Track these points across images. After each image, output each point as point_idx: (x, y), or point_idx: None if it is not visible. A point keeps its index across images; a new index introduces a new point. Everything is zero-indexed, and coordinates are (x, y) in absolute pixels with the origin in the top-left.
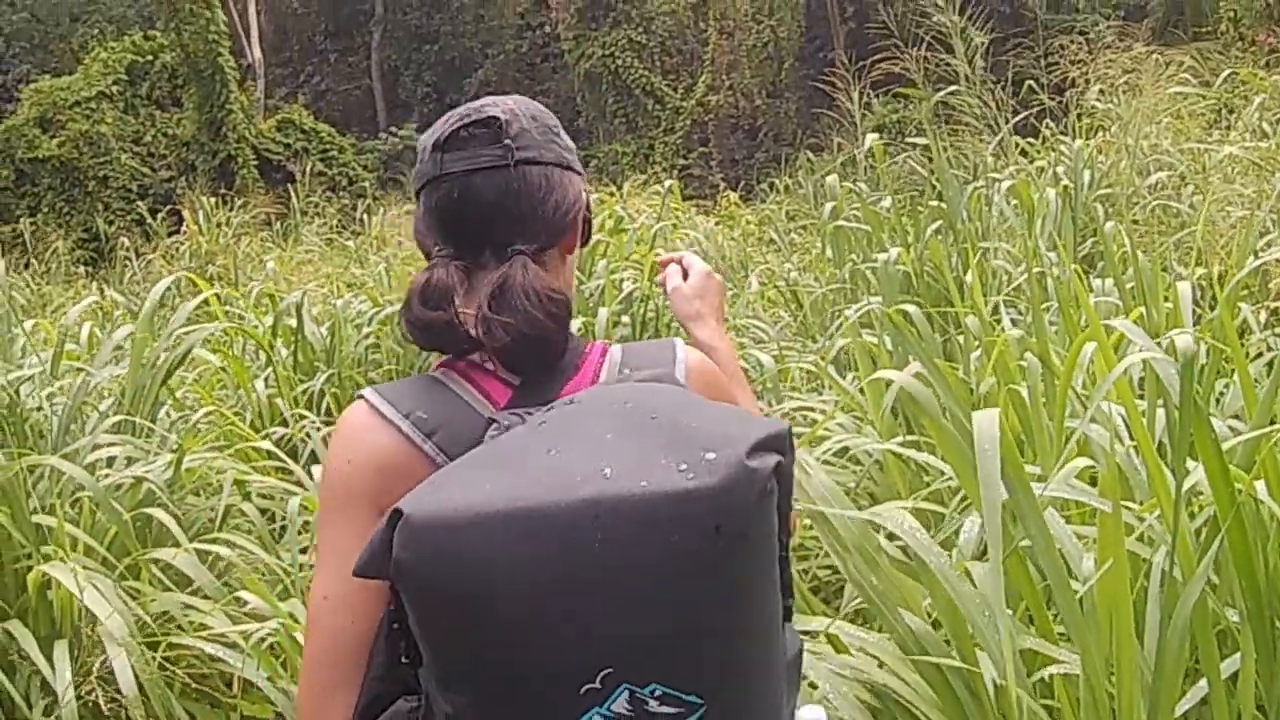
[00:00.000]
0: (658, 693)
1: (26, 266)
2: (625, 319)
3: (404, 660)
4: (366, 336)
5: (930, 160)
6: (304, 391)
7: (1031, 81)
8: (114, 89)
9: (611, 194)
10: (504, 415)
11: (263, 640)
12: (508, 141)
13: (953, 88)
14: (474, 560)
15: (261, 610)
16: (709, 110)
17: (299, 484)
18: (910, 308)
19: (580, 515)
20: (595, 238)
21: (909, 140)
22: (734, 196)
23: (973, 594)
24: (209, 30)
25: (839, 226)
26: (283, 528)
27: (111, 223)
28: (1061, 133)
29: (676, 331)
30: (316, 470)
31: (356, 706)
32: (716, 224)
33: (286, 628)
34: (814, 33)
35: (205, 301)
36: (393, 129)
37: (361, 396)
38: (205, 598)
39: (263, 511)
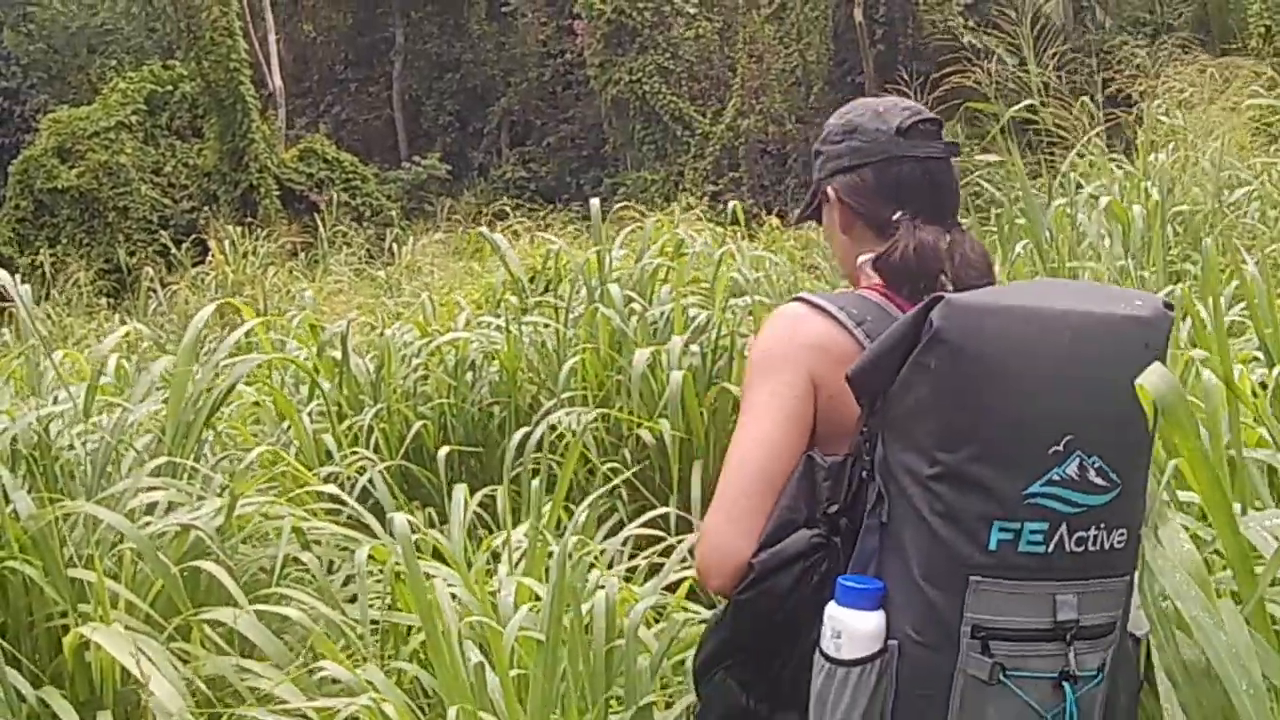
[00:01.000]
0: (1097, 465)
1: (47, 298)
2: (695, 348)
3: (830, 505)
4: (415, 369)
5: (1002, 178)
6: (351, 427)
7: (1086, 98)
8: (133, 119)
9: (644, 216)
10: None
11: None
12: (952, 140)
13: (1027, 101)
14: (995, 335)
15: (336, 676)
16: (738, 135)
17: (363, 527)
18: None
19: (1070, 319)
20: (656, 261)
21: (977, 158)
22: (775, 221)
23: None
24: (230, 59)
25: None
26: (347, 579)
27: (133, 254)
28: (1124, 150)
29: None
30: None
31: (762, 532)
32: (762, 250)
33: (376, 702)
34: (842, 56)
35: (246, 333)
36: (415, 158)
37: (799, 299)
38: (263, 659)
39: (323, 561)
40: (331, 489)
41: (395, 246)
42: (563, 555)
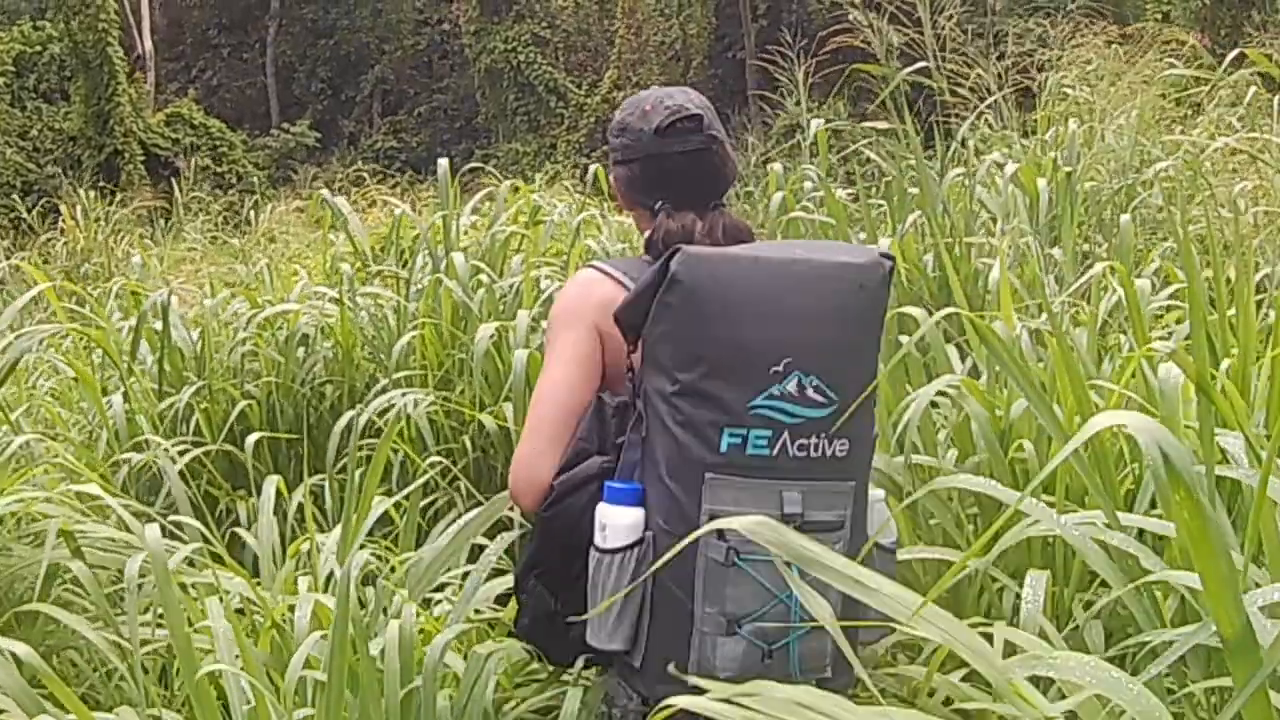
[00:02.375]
0: (815, 384)
1: None
2: (545, 324)
3: (617, 437)
4: (243, 342)
5: (893, 147)
6: (170, 407)
7: (985, 63)
8: None
9: (516, 189)
10: None
11: None
12: (712, 132)
13: (920, 64)
14: (722, 277)
15: None
16: (614, 108)
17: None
18: (914, 310)
19: (791, 265)
20: (508, 230)
21: (866, 124)
22: None
23: None
24: (99, 19)
25: (793, 220)
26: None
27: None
28: (1023, 126)
29: None
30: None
31: (561, 460)
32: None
33: None
34: (723, 31)
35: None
36: (285, 125)
37: (591, 265)
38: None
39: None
40: (91, 487)
41: (254, 213)
42: (347, 577)
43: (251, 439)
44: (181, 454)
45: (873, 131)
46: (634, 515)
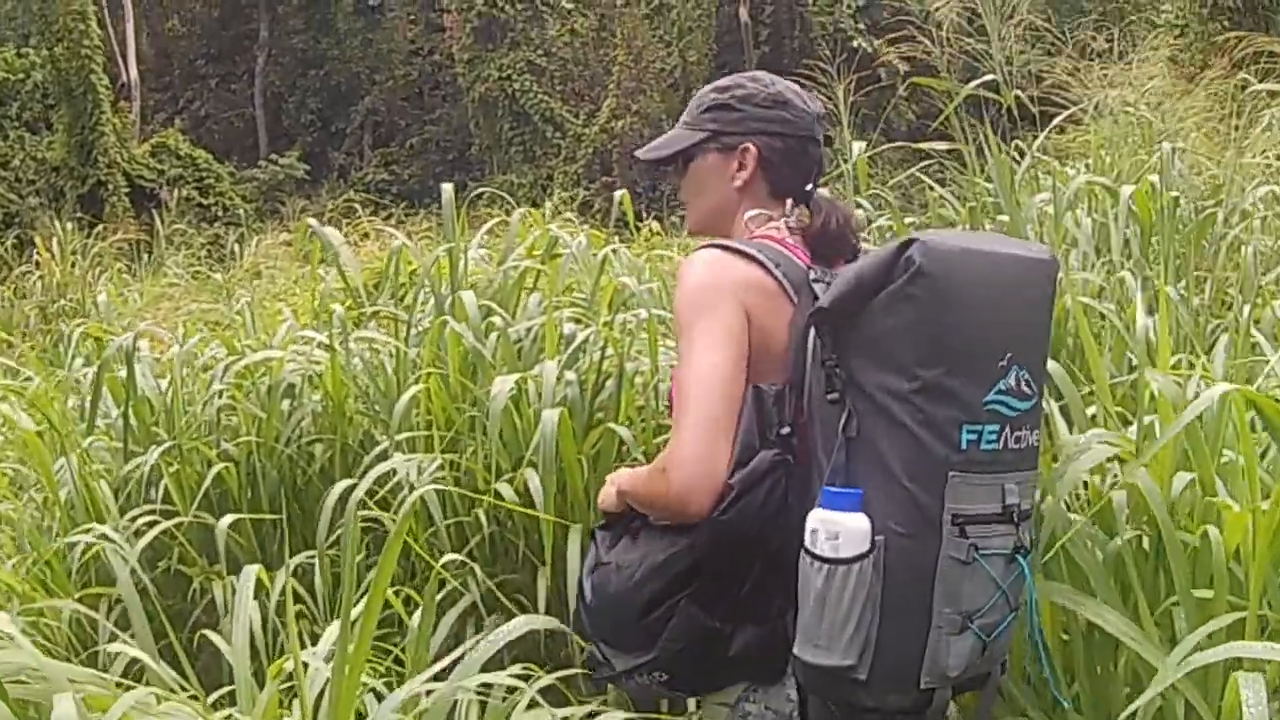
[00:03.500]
0: (1025, 377)
1: None
2: (570, 374)
3: (780, 427)
4: (219, 394)
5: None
6: (136, 469)
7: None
8: None
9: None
10: (816, 267)
11: None
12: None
13: (988, 76)
14: (964, 270)
15: None
16: (613, 137)
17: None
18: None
19: (1012, 260)
20: (523, 264)
21: (919, 147)
22: (655, 226)
23: None
24: (82, 45)
25: None
26: None
27: None
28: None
29: (641, 390)
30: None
31: (733, 453)
32: (646, 260)
33: None
34: (724, 58)
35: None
36: (273, 156)
37: (712, 245)
38: None
39: None
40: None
41: (238, 247)
42: None
43: (224, 522)
44: (151, 525)
45: (927, 155)
46: (864, 521)
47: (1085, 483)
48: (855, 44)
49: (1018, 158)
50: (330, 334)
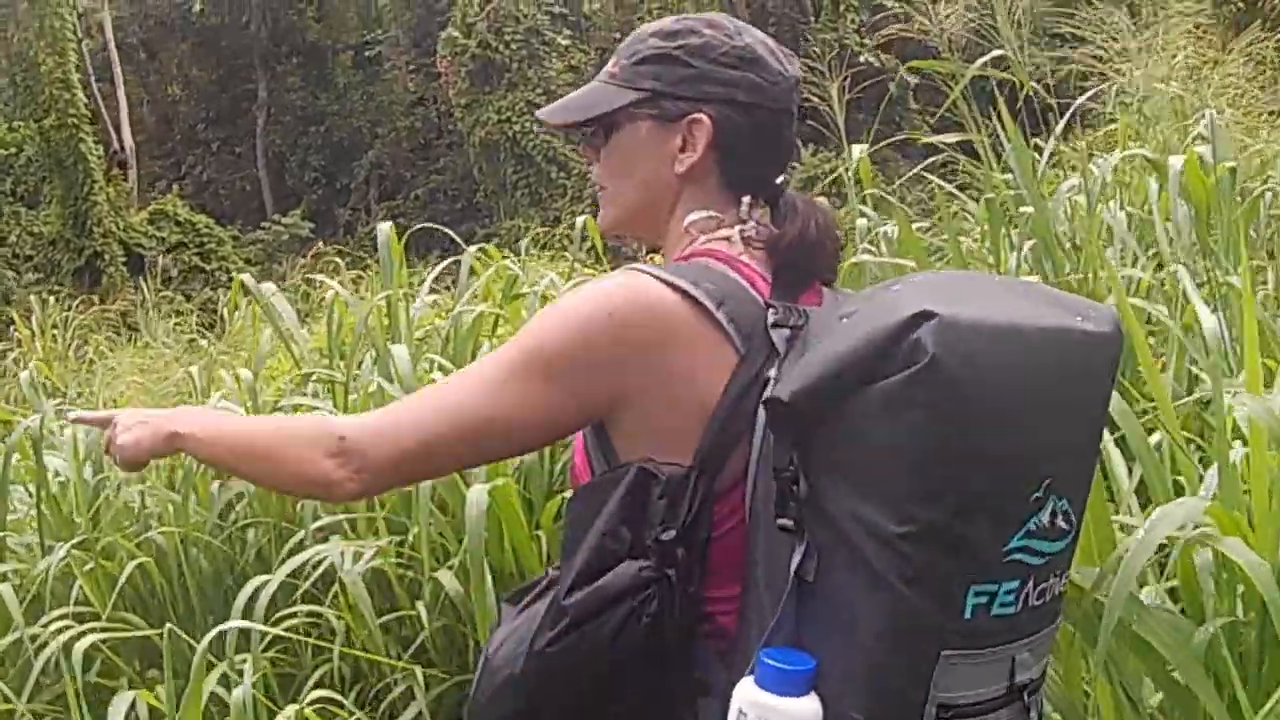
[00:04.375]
0: (1064, 508)
1: None
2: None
3: (664, 529)
4: (141, 479)
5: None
6: (43, 572)
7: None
8: None
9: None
10: (779, 304)
11: None
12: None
13: (996, 51)
14: (988, 362)
15: None
16: None
17: None
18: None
19: (1047, 339)
20: (480, 308)
21: (928, 139)
22: (657, 259)
23: None
24: (69, 114)
25: (855, 264)
26: None
27: None
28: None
29: None
30: None
31: (574, 565)
32: None
33: None
34: None
35: None
36: (276, 217)
37: (635, 269)
38: None
39: None
40: None
41: (227, 313)
42: None
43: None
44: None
45: (934, 148)
46: (811, 708)
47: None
48: (862, 59)
49: (1036, 153)
50: (245, 404)
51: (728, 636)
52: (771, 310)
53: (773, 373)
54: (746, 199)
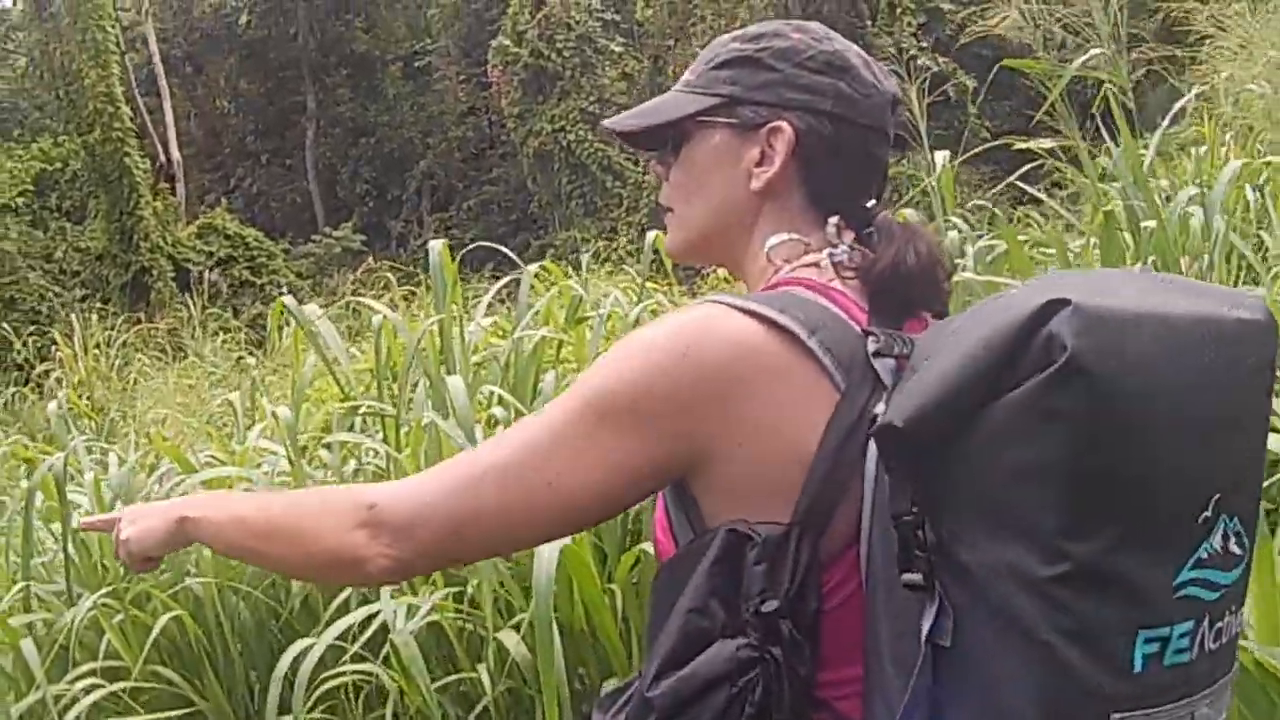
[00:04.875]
0: (1236, 529)
1: None
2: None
3: (763, 600)
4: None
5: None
6: (70, 623)
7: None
8: (19, 201)
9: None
10: (880, 331)
11: None
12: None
13: (1095, 51)
14: (1138, 359)
15: None
16: None
17: None
18: None
19: (1203, 330)
20: (542, 333)
21: (1025, 145)
22: (723, 272)
23: None
24: (114, 128)
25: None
26: None
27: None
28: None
29: None
30: None
31: (658, 651)
32: None
33: None
34: None
35: None
36: (327, 230)
37: (717, 301)
38: None
39: None
40: None
41: (277, 331)
42: None
43: None
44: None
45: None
46: None
47: None
48: (920, 62)
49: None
50: (290, 441)
51: None
52: (872, 338)
53: (880, 408)
54: (834, 219)
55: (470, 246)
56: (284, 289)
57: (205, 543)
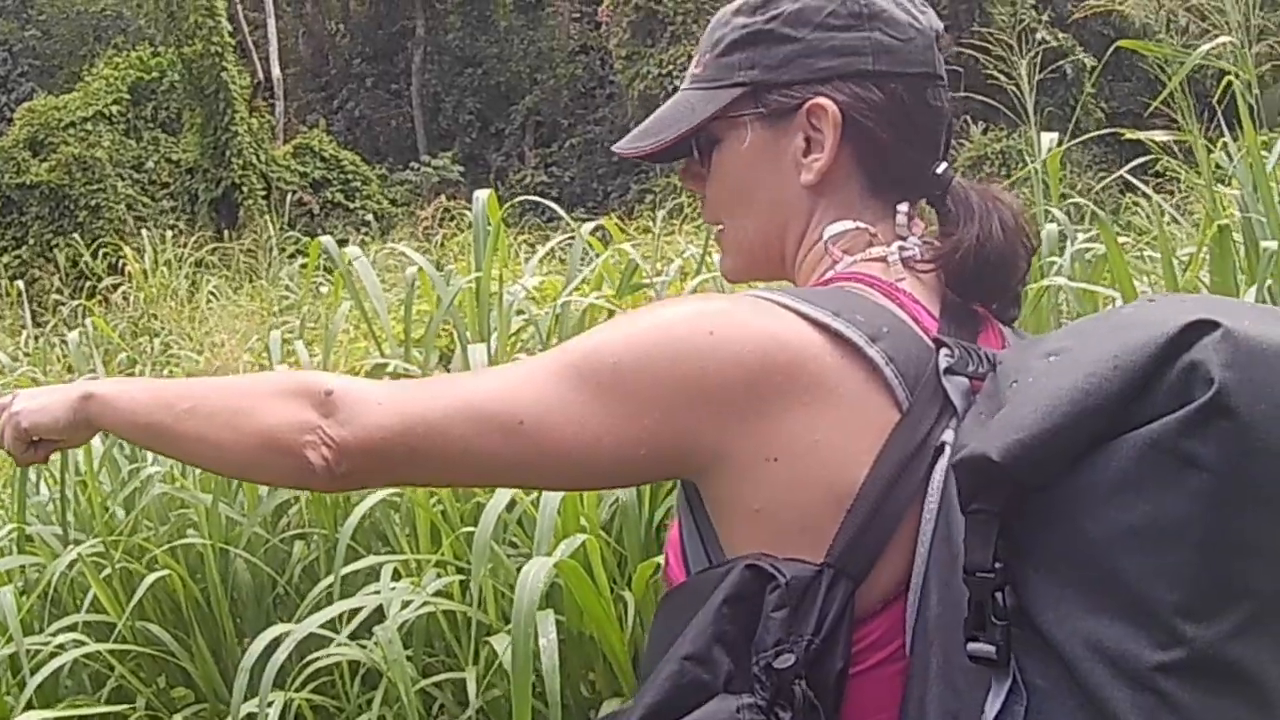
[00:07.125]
0: None
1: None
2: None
3: (777, 653)
4: (171, 478)
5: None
6: (60, 571)
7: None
8: (114, 109)
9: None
10: (954, 342)
11: None
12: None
13: (1223, 38)
14: None
15: None
16: None
17: None
18: None
19: None
20: (589, 300)
21: (1132, 134)
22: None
23: None
24: (211, 42)
25: (1041, 288)
26: None
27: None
28: None
29: None
30: None
31: (643, 700)
32: None
33: None
34: None
35: None
36: (426, 158)
37: (762, 297)
38: None
39: None
40: None
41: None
42: None
43: None
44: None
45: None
46: None
47: None
48: (1039, 36)
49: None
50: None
51: None
52: (944, 351)
53: (949, 436)
54: (904, 206)
55: (522, 198)
56: (378, 216)
57: (110, 427)
